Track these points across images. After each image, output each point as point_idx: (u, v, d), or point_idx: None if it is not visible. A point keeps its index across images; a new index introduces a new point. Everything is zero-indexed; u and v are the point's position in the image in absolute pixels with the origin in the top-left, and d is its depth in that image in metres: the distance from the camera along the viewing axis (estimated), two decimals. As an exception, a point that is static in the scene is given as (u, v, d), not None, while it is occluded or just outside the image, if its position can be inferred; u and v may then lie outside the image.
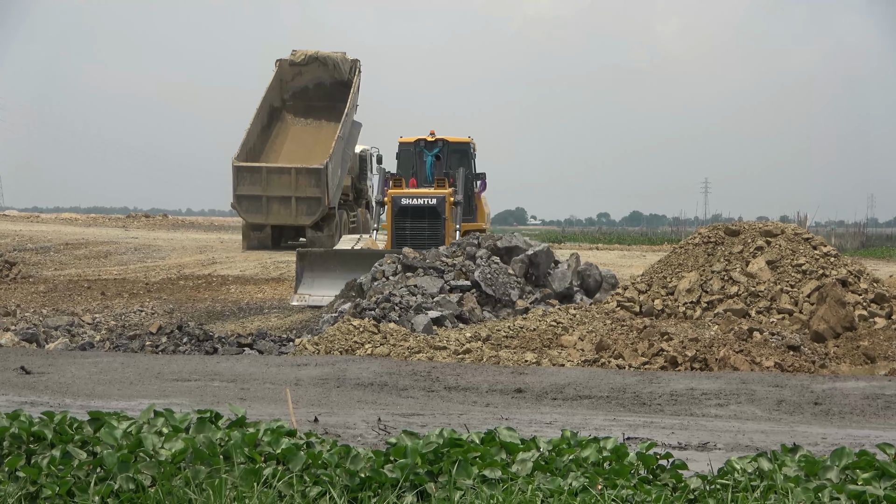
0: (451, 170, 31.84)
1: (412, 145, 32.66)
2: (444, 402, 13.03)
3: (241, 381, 14.33)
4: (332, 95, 45.43)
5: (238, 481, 6.29)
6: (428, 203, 29.62)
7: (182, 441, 6.58)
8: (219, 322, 23.27)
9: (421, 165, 32.36)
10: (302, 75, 45.54)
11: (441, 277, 21.12)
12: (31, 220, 69.82)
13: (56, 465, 6.42)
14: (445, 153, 32.32)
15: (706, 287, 19.27)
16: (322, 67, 45.17)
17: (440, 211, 29.48)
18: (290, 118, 45.65)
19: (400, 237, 29.34)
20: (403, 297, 20.07)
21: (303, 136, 44.97)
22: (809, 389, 14.15)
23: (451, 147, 32.65)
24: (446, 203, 29.58)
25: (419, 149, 32.51)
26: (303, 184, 40.99)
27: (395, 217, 29.65)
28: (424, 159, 32.31)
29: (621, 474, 6.52)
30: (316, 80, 45.55)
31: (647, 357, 16.49)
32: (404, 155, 32.79)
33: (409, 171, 32.25)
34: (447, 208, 29.58)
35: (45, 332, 21.28)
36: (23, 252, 39.09)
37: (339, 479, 6.35)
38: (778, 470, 6.57)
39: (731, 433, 10.68)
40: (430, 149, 32.36)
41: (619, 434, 9.93)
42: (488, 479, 6.40)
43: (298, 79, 45.58)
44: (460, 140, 33.11)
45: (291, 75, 45.45)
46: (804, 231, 20.35)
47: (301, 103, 45.57)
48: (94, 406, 11.32)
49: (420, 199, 29.69)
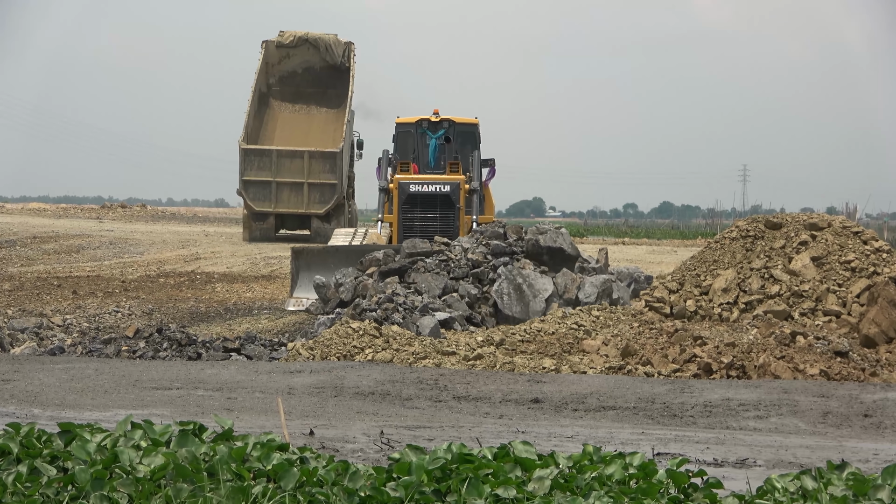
0: (458, 155, 31.31)
1: (413, 126, 31.89)
2: (453, 413, 13.05)
3: (228, 389, 14.36)
4: (322, 80, 45.93)
5: (224, 500, 6.30)
6: (440, 190, 29.05)
7: (162, 456, 6.59)
8: (203, 324, 23.30)
9: (423, 149, 31.63)
10: (290, 58, 45.92)
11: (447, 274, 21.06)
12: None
13: (23, 483, 6.42)
14: (454, 136, 31.72)
15: (744, 286, 19.27)
16: (312, 50, 45.55)
17: (454, 199, 28.94)
18: (276, 104, 46.03)
19: (408, 229, 28.80)
20: (408, 296, 20.08)
21: (293, 123, 45.27)
22: (859, 400, 14.14)
23: (457, 129, 32.01)
24: (460, 191, 29.09)
25: (421, 130, 31.77)
26: (316, 169, 41.62)
27: (402, 206, 29.11)
28: (427, 142, 31.66)
29: (649, 494, 6.52)
30: (305, 63, 45.93)
31: (679, 364, 16.49)
32: (402, 137, 32.01)
33: (409, 155, 31.47)
34: (461, 196, 29.11)
35: (11, 335, 21.32)
36: (-14, 246, 39.15)
37: (336, 498, 6.36)
38: (823, 489, 6.57)
39: (772, 448, 10.69)
40: (433, 130, 31.72)
41: (647, 449, 9.94)
42: (502, 498, 6.40)
43: (286, 62, 45.94)
44: (467, 121, 32.44)
45: (278, 58, 45.79)
46: (853, 224, 20.34)
47: (289, 88, 45.98)
48: (65, 417, 11.34)
49: (431, 185, 29.08)
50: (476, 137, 32.34)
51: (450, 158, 31.02)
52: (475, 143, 32.16)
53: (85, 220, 59.19)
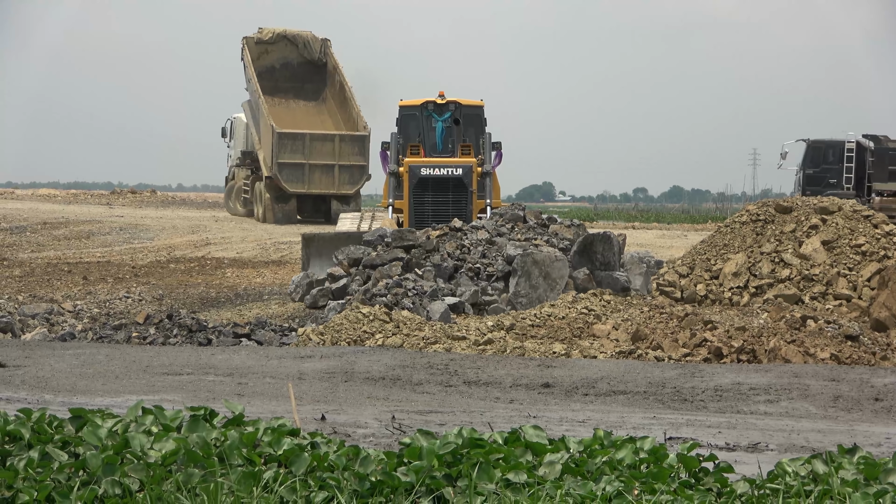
0: (465, 138, 30.89)
1: (417, 109, 31.38)
2: (464, 398, 13.05)
3: (239, 374, 14.38)
4: (299, 75, 48.32)
5: (235, 485, 6.31)
6: (452, 174, 28.69)
7: (173, 441, 6.59)
8: (213, 309, 23.32)
9: (429, 132, 31.18)
10: (268, 54, 48.30)
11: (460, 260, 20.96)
12: (5, 196, 70.05)
13: (34, 468, 6.43)
14: (461, 118, 31.27)
15: (754, 270, 19.25)
16: (290, 46, 48.08)
17: (467, 183, 28.63)
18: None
19: (419, 214, 28.55)
20: (417, 281, 20.06)
21: (277, 116, 46.79)
22: (869, 384, 14.13)
23: (462, 111, 31.53)
24: (473, 174, 28.81)
25: (427, 113, 31.22)
26: (346, 151, 45.10)
27: (413, 190, 28.77)
28: (433, 125, 31.23)
29: (660, 478, 6.51)
30: (283, 59, 48.35)
31: (689, 348, 16.49)
32: (406, 120, 31.54)
33: (414, 139, 31.01)
34: (474, 180, 28.83)
35: (22, 321, 21.36)
36: (-4, 232, 39.22)
37: (346, 483, 6.37)
38: (834, 473, 6.56)
39: (783, 433, 10.68)
40: (439, 113, 31.25)
41: (659, 433, 9.94)
42: (512, 483, 6.40)
43: (265, 57, 48.20)
44: (472, 103, 31.95)
45: (257, 53, 48.04)
46: (864, 208, 20.31)
47: (267, 83, 47.80)
48: (76, 403, 11.37)
49: (443, 169, 28.73)
50: (482, 120, 31.88)
51: (459, 141, 30.67)
52: (481, 125, 31.70)
53: (95, 206, 59.26)
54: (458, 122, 30.98)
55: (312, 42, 48.13)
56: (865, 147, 47.76)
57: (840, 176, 47.39)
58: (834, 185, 46.95)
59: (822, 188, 45.21)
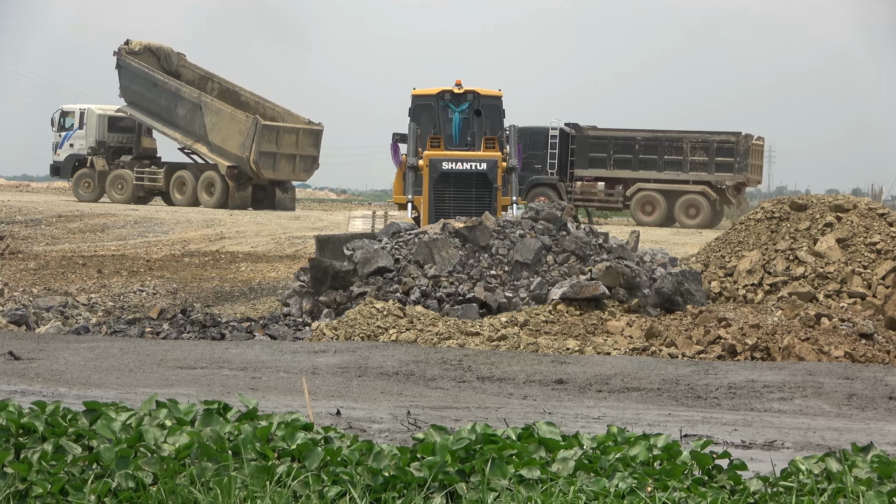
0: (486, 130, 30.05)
1: (433, 99, 30.24)
2: (477, 393, 13.05)
3: (253, 369, 14.39)
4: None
5: (248, 480, 6.32)
6: (476, 168, 27.59)
7: (187, 435, 6.60)
8: (227, 303, 23.36)
9: (446, 124, 30.19)
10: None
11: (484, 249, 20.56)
12: (21, 189, 70.19)
13: (48, 461, 6.45)
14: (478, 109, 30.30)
15: (769, 268, 19.22)
16: (153, 58, 53.47)
17: (491, 179, 27.66)
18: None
19: (440, 209, 27.75)
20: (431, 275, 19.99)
21: None
22: (884, 382, 14.11)
23: (481, 102, 30.63)
24: (498, 169, 27.94)
25: (443, 103, 29.96)
26: (304, 143, 51.26)
27: (434, 186, 27.69)
28: (450, 116, 30.28)
29: (673, 475, 6.51)
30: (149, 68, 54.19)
31: (703, 345, 16.47)
32: (420, 111, 30.45)
33: (429, 132, 30.17)
34: (499, 175, 27.99)
35: (36, 314, 21.41)
36: (11, 225, 39.30)
37: (360, 478, 6.37)
38: (848, 471, 6.55)
39: (799, 430, 10.67)
40: (457, 103, 30.27)
41: (675, 431, 9.93)
42: (525, 479, 6.40)
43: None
44: (491, 93, 30.88)
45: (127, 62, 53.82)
46: (879, 205, 20.27)
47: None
48: (90, 396, 11.39)
49: (466, 163, 27.65)
50: (500, 112, 30.94)
51: (480, 134, 29.83)
52: (498, 117, 30.75)
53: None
54: (480, 112, 29.94)
55: (171, 55, 54.02)
56: (568, 134, 50.50)
57: (545, 162, 49.74)
58: (539, 170, 49.52)
59: (529, 173, 47.45)
